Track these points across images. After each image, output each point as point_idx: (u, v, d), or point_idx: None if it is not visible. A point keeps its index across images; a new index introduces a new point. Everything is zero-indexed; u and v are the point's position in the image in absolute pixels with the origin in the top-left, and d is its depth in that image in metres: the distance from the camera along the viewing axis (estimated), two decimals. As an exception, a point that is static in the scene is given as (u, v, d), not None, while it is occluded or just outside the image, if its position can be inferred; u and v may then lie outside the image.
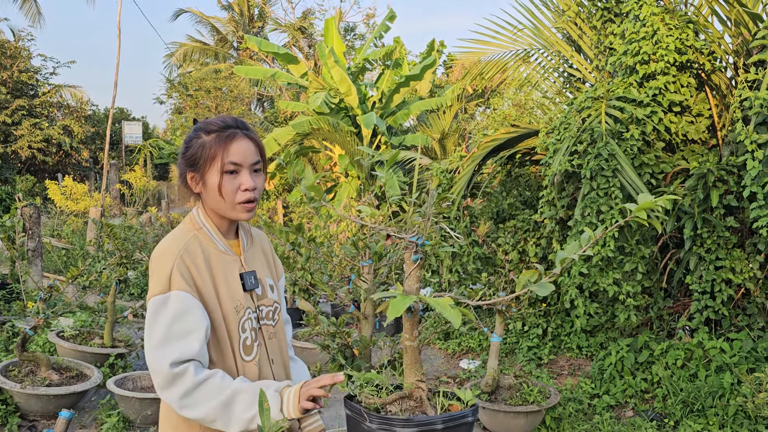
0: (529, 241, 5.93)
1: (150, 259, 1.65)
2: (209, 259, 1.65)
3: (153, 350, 1.55)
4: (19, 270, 6.48)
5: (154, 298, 1.58)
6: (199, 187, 1.69)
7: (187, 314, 1.57)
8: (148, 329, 1.57)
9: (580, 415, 4.60)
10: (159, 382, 1.54)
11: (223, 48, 26.07)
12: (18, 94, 22.20)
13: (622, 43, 5.30)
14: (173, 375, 1.52)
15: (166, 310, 1.56)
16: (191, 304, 1.58)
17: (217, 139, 1.66)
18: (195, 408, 1.53)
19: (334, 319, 2.87)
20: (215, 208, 1.69)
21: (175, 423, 1.65)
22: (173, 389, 1.53)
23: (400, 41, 13.52)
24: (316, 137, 12.71)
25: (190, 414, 1.53)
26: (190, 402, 1.53)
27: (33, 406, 4.30)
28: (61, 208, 15.30)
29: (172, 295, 1.57)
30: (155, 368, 1.54)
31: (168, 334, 1.55)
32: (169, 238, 1.67)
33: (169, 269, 1.58)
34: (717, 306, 4.73)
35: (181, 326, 1.56)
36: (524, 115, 8.17)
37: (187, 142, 1.72)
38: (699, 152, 5.18)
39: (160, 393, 1.55)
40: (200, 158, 1.67)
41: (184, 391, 1.52)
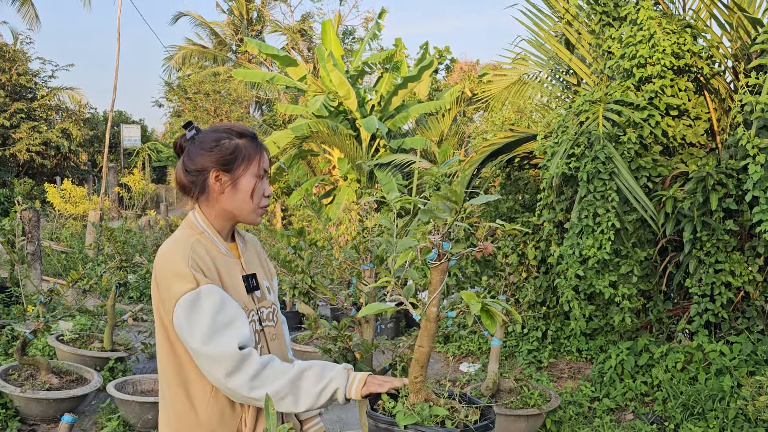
0: (529, 244, 5.94)
1: (156, 265, 1.61)
2: (215, 261, 1.64)
3: (206, 343, 1.51)
4: (18, 273, 6.47)
5: (184, 296, 1.53)
6: (225, 188, 1.65)
7: (226, 303, 1.56)
8: (189, 327, 1.52)
9: (581, 418, 4.60)
10: (226, 368, 1.50)
11: (221, 51, 26.10)
12: (16, 97, 22.21)
13: (620, 47, 5.32)
14: (242, 357, 1.51)
15: (204, 304, 1.53)
16: (224, 294, 1.57)
17: (252, 144, 1.69)
18: (264, 387, 1.52)
19: (336, 322, 2.87)
20: (234, 210, 1.67)
21: (177, 430, 1.63)
22: (242, 372, 1.51)
23: (400, 43, 13.54)
24: (315, 140, 12.73)
25: (260, 393, 1.52)
26: (259, 383, 1.52)
27: (33, 410, 4.30)
28: (60, 212, 15.30)
29: (202, 289, 1.54)
30: (219, 356, 1.50)
31: (215, 326, 1.52)
32: (173, 243, 1.63)
33: (186, 269, 1.55)
34: (716, 309, 4.74)
35: (225, 315, 1.55)
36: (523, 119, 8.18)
37: (215, 141, 1.66)
38: (698, 156, 5.19)
39: (227, 380, 1.51)
40: (237, 159, 1.65)
41: (254, 372, 1.52)
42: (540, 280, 5.89)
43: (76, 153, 24.36)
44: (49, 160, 23.04)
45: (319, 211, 3.47)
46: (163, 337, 1.63)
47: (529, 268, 5.95)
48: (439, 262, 1.61)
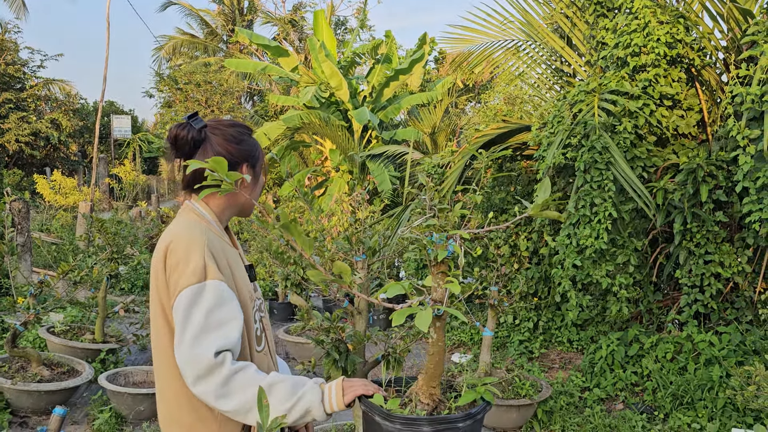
0: (521, 235, 5.96)
1: (168, 250, 1.56)
2: (225, 251, 1.63)
3: (191, 340, 1.48)
4: (8, 265, 6.43)
5: (188, 288, 1.51)
6: (249, 182, 1.68)
7: (225, 303, 1.53)
8: (184, 320, 1.50)
9: (572, 408, 4.64)
10: (198, 372, 1.47)
11: (212, 41, 25.92)
12: (5, 87, 21.98)
13: (614, 37, 5.32)
14: (214, 364, 1.47)
15: (204, 300, 1.51)
16: (227, 294, 1.55)
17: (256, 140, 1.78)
18: (231, 398, 1.48)
19: (328, 314, 2.87)
20: (246, 204, 1.71)
21: (189, 424, 1.59)
22: (211, 379, 1.47)
23: (391, 35, 13.49)
24: (307, 132, 12.69)
25: (226, 404, 1.48)
26: (227, 391, 1.47)
27: (24, 402, 4.28)
28: (50, 203, 15.20)
29: (208, 284, 1.52)
30: (194, 359, 1.47)
31: (207, 325, 1.50)
32: (187, 228, 1.60)
33: (201, 258, 1.53)
34: (706, 300, 4.78)
35: (219, 316, 1.51)
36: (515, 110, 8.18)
37: (240, 136, 1.70)
38: (689, 147, 5.22)
39: (196, 384, 1.48)
40: (260, 158, 1.74)
41: (222, 380, 1.47)
42: (532, 271, 5.91)
43: (65, 144, 24.16)
44: (39, 150, 22.84)
45: (311, 202, 3.47)
46: (162, 323, 1.59)
47: (521, 259, 5.97)
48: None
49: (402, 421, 1.52)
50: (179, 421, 1.59)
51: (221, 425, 1.57)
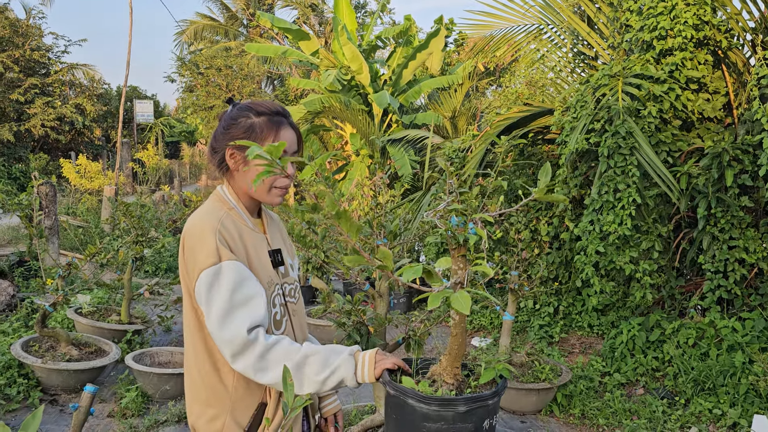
0: (542, 220, 5.94)
1: (184, 236, 1.63)
2: (242, 235, 1.66)
3: (220, 321, 1.53)
4: (37, 247, 6.58)
5: (205, 270, 1.55)
6: (238, 166, 1.68)
7: (245, 281, 1.57)
8: (207, 302, 1.55)
9: (591, 392, 4.65)
10: (234, 349, 1.53)
11: (233, 26, 25.95)
12: (30, 73, 22.28)
13: (639, 20, 5.24)
14: (248, 341, 1.52)
15: (223, 280, 1.55)
16: (245, 272, 1.59)
17: (269, 123, 1.68)
18: (268, 371, 1.54)
19: (350, 297, 2.91)
20: (247, 188, 1.70)
21: (206, 398, 1.65)
22: (248, 355, 1.53)
23: (411, 18, 13.40)
24: (327, 116, 12.69)
25: (264, 377, 1.54)
26: (264, 365, 1.53)
27: (54, 380, 4.40)
28: (76, 187, 15.43)
29: (224, 265, 1.56)
30: (228, 337, 1.52)
31: (232, 303, 1.54)
32: (202, 214, 1.65)
33: (213, 241, 1.57)
34: (730, 285, 4.74)
35: (242, 293, 1.56)
36: (537, 93, 8.10)
37: (233, 119, 1.70)
38: (714, 131, 5.14)
39: (234, 361, 1.54)
40: (248, 138, 1.66)
41: (259, 355, 1.53)
42: (552, 255, 5.90)
43: (90, 128, 24.47)
44: (64, 135, 23.17)
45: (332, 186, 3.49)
46: (189, 304, 1.65)
47: (541, 244, 5.95)
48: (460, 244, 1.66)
49: (438, 402, 1.55)
50: (197, 396, 1.67)
51: (234, 403, 1.64)
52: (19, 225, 10.39)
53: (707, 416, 4.18)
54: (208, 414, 1.64)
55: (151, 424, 4.03)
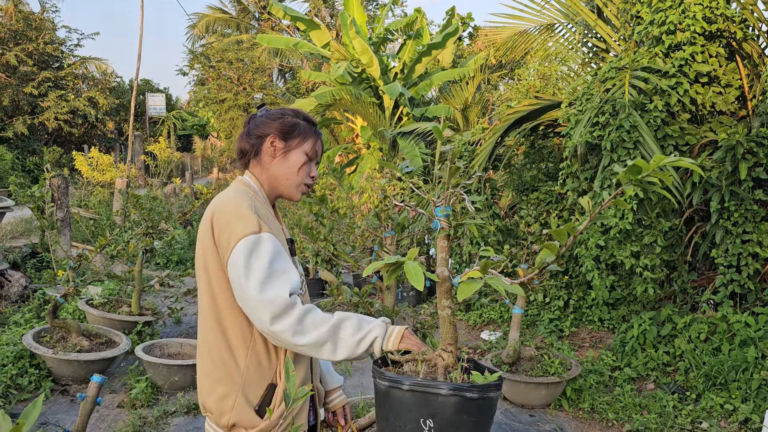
0: (552, 213, 5.90)
1: (216, 210, 1.68)
2: (268, 219, 1.73)
3: (261, 284, 1.58)
4: (48, 239, 6.63)
5: (246, 237, 1.61)
6: (277, 154, 1.78)
7: (282, 253, 1.65)
8: (246, 267, 1.59)
9: (601, 387, 4.62)
10: (275, 311, 1.57)
11: (244, 19, 25.96)
12: (44, 66, 22.43)
13: (649, 12, 5.18)
14: (289, 303, 1.58)
15: (264, 248, 1.61)
16: (281, 246, 1.67)
17: (311, 128, 1.85)
18: (307, 334, 1.59)
19: (357, 289, 2.90)
20: (279, 178, 1.80)
21: (218, 377, 1.69)
22: (288, 317, 1.58)
23: (421, 11, 13.35)
24: (338, 108, 12.68)
25: (302, 339, 1.59)
26: (302, 328, 1.58)
27: (65, 371, 4.44)
28: (88, 179, 15.54)
29: (264, 235, 1.63)
30: (270, 299, 1.57)
31: (271, 270, 1.60)
32: (232, 194, 1.71)
33: (252, 214, 1.64)
34: (743, 280, 4.68)
35: (280, 264, 1.63)
36: (548, 86, 8.04)
37: (281, 114, 1.83)
38: (728, 124, 5.07)
39: (273, 323, 1.58)
40: (294, 132, 1.80)
41: (297, 318, 1.58)
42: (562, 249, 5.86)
43: (102, 121, 24.62)
44: (77, 128, 23.34)
45: (341, 179, 3.48)
46: (206, 285, 1.70)
47: (551, 237, 5.92)
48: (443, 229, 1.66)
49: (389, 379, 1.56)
50: (210, 374, 1.71)
51: (246, 382, 1.67)
52: (31, 217, 10.49)
53: (719, 411, 4.14)
54: (219, 392, 1.68)
55: (160, 414, 4.05)
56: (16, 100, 21.56)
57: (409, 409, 1.53)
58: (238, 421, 1.66)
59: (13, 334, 4.80)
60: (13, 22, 21.42)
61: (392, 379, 1.55)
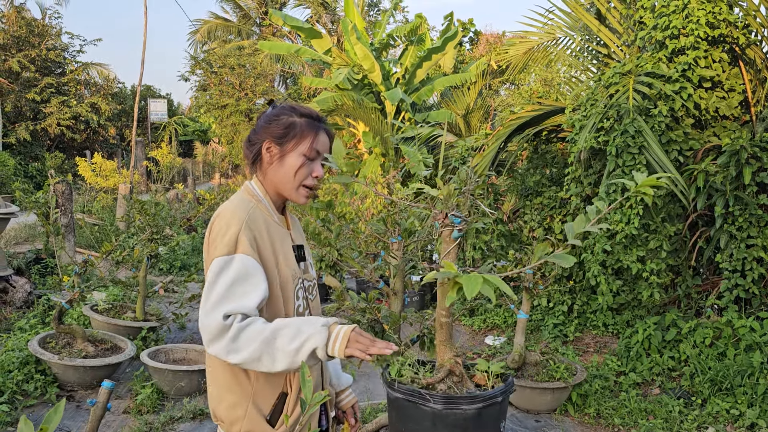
0: (555, 218, 5.90)
1: (212, 223, 1.67)
2: (269, 228, 1.71)
3: (210, 307, 1.56)
4: (53, 245, 6.64)
5: (218, 258, 1.60)
6: (274, 160, 1.74)
7: (249, 278, 1.60)
8: (209, 288, 1.59)
9: (606, 392, 4.61)
10: (208, 336, 1.55)
11: (246, 25, 26.05)
12: (46, 72, 22.49)
13: (652, 17, 5.20)
14: (223, 326, 1.54)
15: (229, 271, 1.58)
16: (253, 269, 1.61)
17: (309, 125, 1.76)
18: (240, 351, 1.54)
19: (363, 294, 2.91)
20: (279, 184, 1.76)
21: (229, 386, 1.67)
22: (220, 340, 1.54)
23: (422, 17, 13.38)
24: (340, 114, 12.70)
25: (236, 358, 1.54)
26: (235, 347, 1.54)
27: (70, 376, 4.44)
28: (91, 185, 15.57)
29: (237, 257, 1.60)
30: (208, 323, 1.55)
31: (227, 294, 1.57)
32: (233, 203, 1.69)
33: (236, 232, 1.61)
34: (747, 284, 4.69)
35: (241, 288, 1.58)
36: (551, 92, 8.06)
37: (275, 115, 1.77)
38: (731, 128, 5.08)
39: (209, 347, 1.56)
40: (289, 135, 1.74)
41: (230, 338, 1.54)
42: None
43: (104, 127, 24.67)
44: (79, 134, 23.39)
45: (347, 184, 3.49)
46: None
47: (555, 242, 5.92)
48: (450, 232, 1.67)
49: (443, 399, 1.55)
50: (219, 382, 1.69)
51: (256, 391, 1.65)
52: (36, 223, 10.50)
53: (724, 416, 4.14)
54: (229, 400, 1.67)
55: (166, 420, 4.05)
56: (19, 106, 21.62)
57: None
58: (249, 430, 1.65)
59: (18, 340, 4.81)
60: (16, 29, 21.50)
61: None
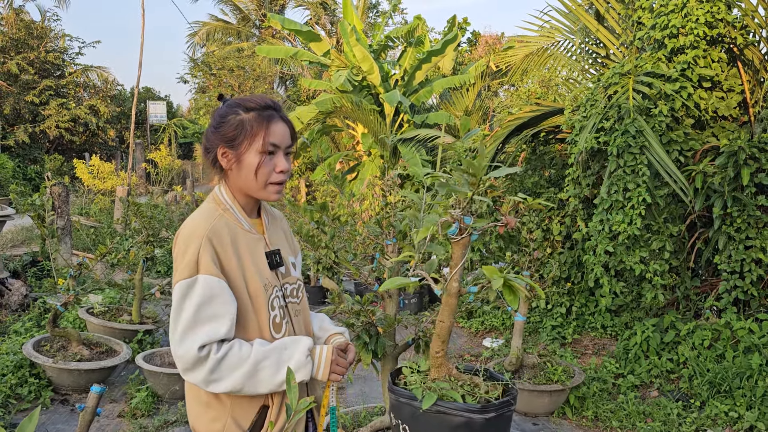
0: (554, 219, 5.88)
1: (175, 240, 1.63)
2: (236, 239, 1.63)
3: (181, 334, 1.53)
4: (49, 248, 6.61)
5: (180, 282, 1.55)
6: (231, 164, 1.66)
7: (215, 298, 1.55)
8: (175, 314, 1.55)
9: (605, 394, 4.58)
10: (184, 366, 1.53)
11: (245, 27, 26.04)
12: (45, 75, 22.48)
13: (651, 17, 5.17)
14: (198, 358, 1.52)
15: (194, 295, 1.54)
16: (218, 289, 1.56)
17: (258, 119, 1.65)
18: (221, 382, 1.54)
19: (359, 297, 2.88)
20: (244, 186, 1.67)
21: (207, 401, 1.64)
22: (198, 371, 1.53)
23: (421, 18, 13.37)
24: (339, 116, 12.68)
25: (217, 388, 1.54)
26: (215, 377, 1.53)
27: (65, 380, 4.41)
28: (89, 187, 15.55)
29: (200, 279, 1.54)
30: (181, 353, 1.53)
31: (195, 319, 1.53)
32: (195, 219, 1.64)
33: (196, 252, 1.55)
34: (746, 286, 4.66)
35: (209, 311, 1.54)
36: (549, 93, 8.04)
37: (221, 117, 1.68)
38: (730, 129, 5.06)
39: (185, 375, 1.55)
40: (239, 136, 1.64)
41: (209, 370, 1.52)
42: (565, 255, 5.84)
43: (104, 129, 24.65)
44: (78, 136, 23.36)
45: (342, 186, 3.47)
46: None
47: (553, 243, 5.89)
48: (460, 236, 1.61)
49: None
50: (198, 397, 1.66)
51: (234, 405, 1.63)
52: (32, 225, 10.47)
53: (723, 419, 4.11)
54: (209, 415, 1.63)
55: (160, 424, 4.02)
56: (18, 109, 21.60)
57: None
58: None
59: (13, 343, 4.78)
60: (15, 31, 21.49)
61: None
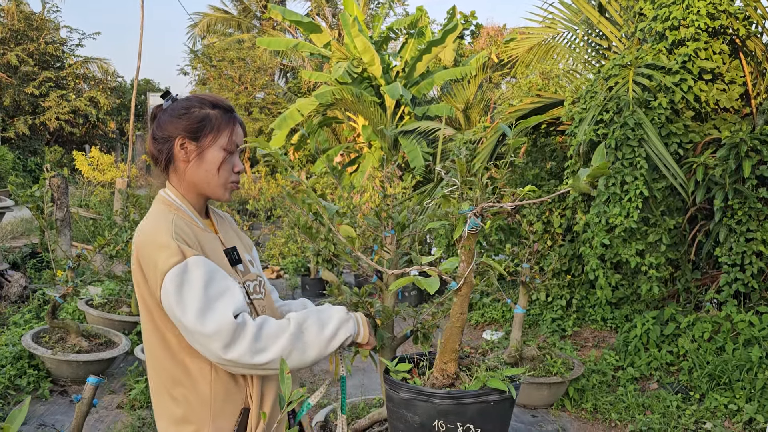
0: (554, 211, 5.86)
1: (135, 253, 1.52)
2: (197, 235, 1.58)
3: (200, 317, 1.43)
4: (48, 239, 6.60)
5: (171, 269, 1.45)
6: (190, 157, 1.60)
7: (215, 273, 1.49)
8: (180, 302, 1.44)
9: (604, 386, 4.58)
10: (225, 339, 1.43)
11: (246, 18, 25.93)
12: (45, 66, 22.41)
13: (652, 9, 5.14)
14: (237, 327, 1.44)
15: (193, 277, 1.46)
16: (212, 265, 1.50)
17: (225, 117, 1.63)
18: (268, 351, 1.47)
19: (357, 289, 2.86)
20: (201, 182, 1.61)
21: (182, 415, 1.55)
22: (241, 341, 1.44)
23: (423, 10, 13.30)
24: (339, 108, 12.64)
25: (264, 357, 1.47)
26: (261, 346, 1.46)
27: (64, 371, 4.41)
28: (89, 179, 15.52)
29: (190, 261, 1.47)
30: (214, 329, 1.42)
31: (208, 297, 1.45)
32: (151, 221, 1.56)
33: (172, 242, 1.48)
34: (747, 279, 4.64)
35: (216, 286, 1.48)
36: (550, 85, 8.00)
37: (185, 108, 1.61)
38: (731, 121, 5.03)
39: (226, 353, 1.44)
40: (204, 129, 1.59)
41: (253, 336, 1.45)
42: (565, 248, 5.82)
43: (104, 121, 24.61)
44: (78, 128, 23.32)
45: (340, 177, 3.45)
46: (149, 323, 1.56)
47: (554, 236, 5.88)
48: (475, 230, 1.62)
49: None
50: (172, 416, 1.57)
51: (215, 412, 1.55)
52: (31, 217, 10.46)
53: (722, 411, 4.11)
54: (188, 430, 1.54)
55: (159, 415, 4.02)
56: (18, 100, 21.55)
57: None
58: None
59: (12, 335, 4.78)
60: (15, 23, 21.41)
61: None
